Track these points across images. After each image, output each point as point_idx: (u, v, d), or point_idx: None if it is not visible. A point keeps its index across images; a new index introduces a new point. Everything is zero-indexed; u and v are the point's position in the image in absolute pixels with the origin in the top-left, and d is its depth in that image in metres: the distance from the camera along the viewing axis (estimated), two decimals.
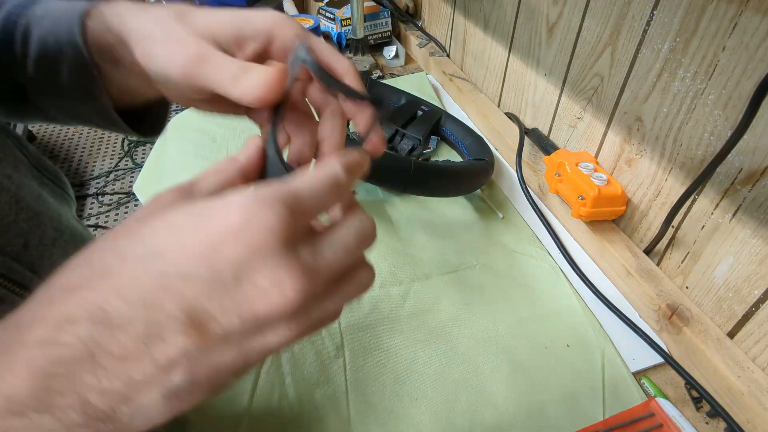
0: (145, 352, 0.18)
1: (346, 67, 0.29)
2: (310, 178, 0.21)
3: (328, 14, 1.16)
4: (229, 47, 0.28)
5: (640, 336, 0.55)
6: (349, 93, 0.27)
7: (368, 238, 0.22)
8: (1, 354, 0.17)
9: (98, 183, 2.21)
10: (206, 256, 0.18)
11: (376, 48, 1.18)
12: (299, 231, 0.19)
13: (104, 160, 2.36)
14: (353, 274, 0.22)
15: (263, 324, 0.19)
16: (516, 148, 0.75)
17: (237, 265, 0.18)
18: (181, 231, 0.18)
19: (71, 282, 0.19)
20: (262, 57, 0.29)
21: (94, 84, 0.33)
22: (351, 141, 0.57)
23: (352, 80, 0.29)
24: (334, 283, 0.21)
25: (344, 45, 1.14)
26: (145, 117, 0.38)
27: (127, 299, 0.18)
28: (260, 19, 0.28)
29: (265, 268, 0.18)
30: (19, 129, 1.91)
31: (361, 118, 0.29)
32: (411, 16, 1.19)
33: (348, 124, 0.32)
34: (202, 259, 0.18)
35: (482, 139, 0.81)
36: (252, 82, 0.25)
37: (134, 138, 0.39)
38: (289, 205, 0.19)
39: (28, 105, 0.36)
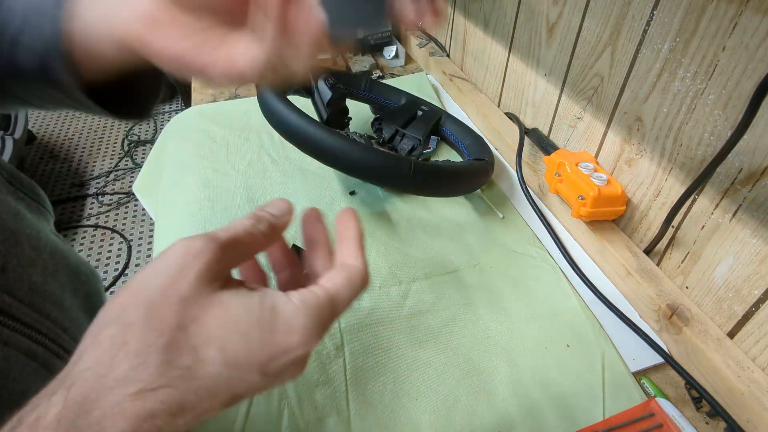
0: (199, 418, 0.22)
1: None
2: (345, 289, 0.26)
3: None
4: None
5: (640, 336, 0.55)
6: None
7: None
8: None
9: (98, 183, 2.21)
10: (266, 366, 0.23)
11: (376, 48, 1.18)
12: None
13: (104, 160, 2.36)
14: None
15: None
16: (516, 148, 0.75)
17: (286, 368, 0.24)
18: (252, 344, 0.22)
19: (152, 379, 0.21)
20: None
21: (59, 56, 0.31)
22: (351, 140, 0.57)
23: None
24: None
25: None
26: (123, 99, 0.37)
27: (201, 396, 0.21)
28: None
29: (300, 366, 0.25)
30: (19, 131, 1.91)
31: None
32: None
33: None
34: (263, 368, 0.23)
35: (482, 139, 0.81)
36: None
37: (118, 120, 0.38)
38: (329, 325, 0.25)
39: (2, 89, 0.35)
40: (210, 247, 0.23)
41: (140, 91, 0.38)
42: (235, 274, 0.26)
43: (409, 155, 0.78)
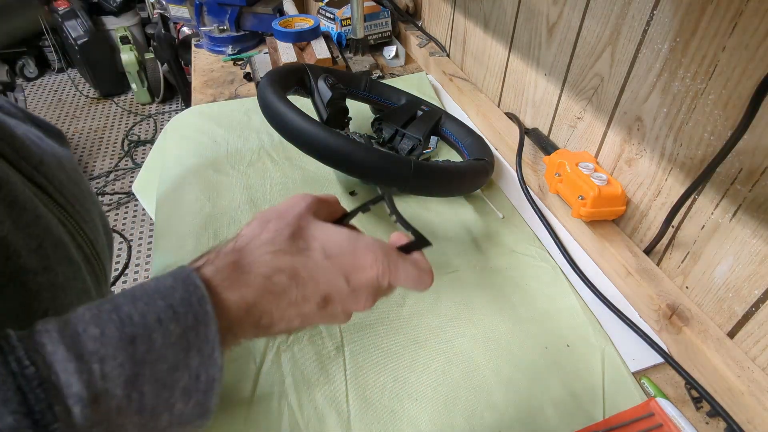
0: (301, 306, 0.31)
1: None
2: (411, 259, 0.34)
3: (328, 14, 1.16)
4: None
5: (640, 336, 0.55)
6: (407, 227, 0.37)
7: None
8: (241, 275, 0.29)
9: (98, 183, 2.21)
10: (350, 274, 0.32)
11: (376, 48, 1.18)
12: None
13: (104, 160, 2.36)
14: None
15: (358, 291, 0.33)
16: (516, 148, 0.75)
17: (362, 287, 0.32)
18: (343, 251, 0.32)
19: (283, 247, 0.31)
20: None
21: None
22: (351, 140, 0.57)
23: None
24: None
25: (344, 45, 1.14)
26: None
27: (308, 275, 0.31)
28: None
29: (370, 296, 0.33)
30: None
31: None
32: (411, 16, 1.19)
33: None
34: (347, 274, 0.32)
35: (482, 139, 0.81)
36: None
37: None
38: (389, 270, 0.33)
39: None
40: (311, 196, 0.35)
41: None
42: None
43: (409, 155, 0.78)
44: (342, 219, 0.39)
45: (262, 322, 0.30)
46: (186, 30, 1.71)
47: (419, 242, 0.36)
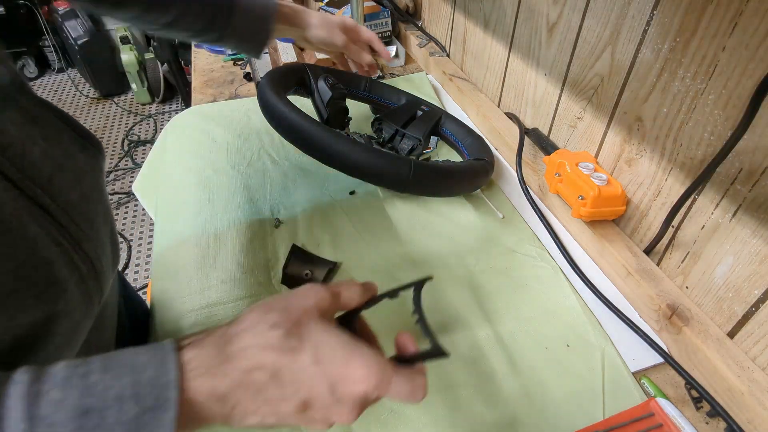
0: (277, 405, 0.30)
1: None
2: (406, 371, 0.33)
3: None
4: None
5: (640, 336, 0.55)
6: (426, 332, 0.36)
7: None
8: (221, 363, 0.29)
9: None
10: (336, 383, 0.30)
11: None
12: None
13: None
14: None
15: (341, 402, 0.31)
16: (516, 148, 0.75)
17: (346, 399, 0.31)
18: (335, 358, 0.31)
19: (273, 342, 0.30)
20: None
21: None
22: (351, 140, 0.57)
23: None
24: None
25: None
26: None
27: (291, 377, 0.30)
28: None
29: (353, 409, 0.32)
30: None
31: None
32: (411, 16, 1.19)
33: None
34: (333, 383, 0.30)
35: (482, 139, 0.81)
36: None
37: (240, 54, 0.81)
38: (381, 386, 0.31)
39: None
40: (323, 290, 0.34)
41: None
42: None
43: (409, 155, 0.78)
44: (363, 307, 0.38)
45: (234, 412, 0.29)
46: None
47: (434, 353, 0.33)
